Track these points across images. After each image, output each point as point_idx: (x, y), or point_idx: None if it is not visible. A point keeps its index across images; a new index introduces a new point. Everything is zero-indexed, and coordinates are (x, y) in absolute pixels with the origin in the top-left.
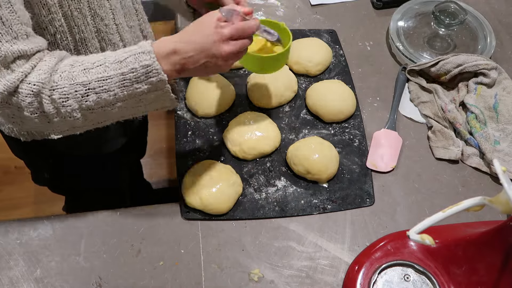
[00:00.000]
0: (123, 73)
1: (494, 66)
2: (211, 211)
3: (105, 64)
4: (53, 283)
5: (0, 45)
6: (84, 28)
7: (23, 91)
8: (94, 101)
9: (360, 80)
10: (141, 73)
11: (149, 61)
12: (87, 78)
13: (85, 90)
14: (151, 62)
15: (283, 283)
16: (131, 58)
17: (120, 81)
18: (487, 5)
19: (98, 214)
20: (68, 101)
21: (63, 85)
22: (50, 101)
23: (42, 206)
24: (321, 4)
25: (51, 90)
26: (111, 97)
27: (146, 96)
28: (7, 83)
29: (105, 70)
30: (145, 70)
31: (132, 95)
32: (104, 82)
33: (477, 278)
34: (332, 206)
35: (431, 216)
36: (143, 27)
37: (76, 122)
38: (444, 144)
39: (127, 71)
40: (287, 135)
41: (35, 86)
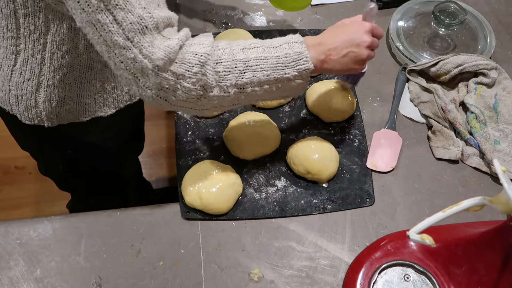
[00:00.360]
0: (278, 56)
1: (494, 66)
2: (211, 211)
3: (262, 47)
4: (53, 283)
5: (152, 12)
6: None
7: (190, 61)
8: (249, 79)
9: (360, 80)
10: (293, 58)
11: (301, 49)
12: (246, 56)
13: (244, 66)
14: (303, 50)
15: (283, 283)
16: (285, 45)
17: (274, 63)
18: (487, 5)
19: (98, 214)
20: (229, 75)
21: (227, 59)
22: (213, 73)
23: (42, 206)
24: (321, 4)
25: (216, 63)
26: (264, 77)
27: (289, 83)
28: (168, 48)
29: (262, 51)
30: (297, 56)
31: (279, 79)
32: (261, 61)
33: (477, 278)
34: (332, 206)
35: (431, 216)
36: None
37: (225, 99)
38: (444, 144)
39: (281, 55)
40: (287, 135)
41: (202, 56)
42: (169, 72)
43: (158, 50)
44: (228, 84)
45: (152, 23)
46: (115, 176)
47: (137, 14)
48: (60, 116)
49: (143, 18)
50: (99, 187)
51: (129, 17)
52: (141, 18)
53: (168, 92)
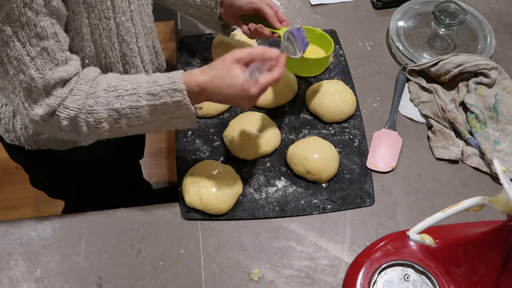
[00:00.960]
0: (154, 104)
1: (494, 66)
2: (211, 211)
3: (138, 94)
4: (53, 283)
5: (44, 74)
6: (111, 54)
7: (61, 115)
8: (124, 124)
9: (360, 80)
10: (172, 107)
11: (181, 97)
12: (120, 105)
13: (118, 115)
14: (182, 99)
15: (283, 283)
16: (163, 93)
17: (151, 110)
18: (487, 5)
19: (98, 214)
20: (102, 124)
21: (98, 111)
22: (85, 123)
23: (42, 206)
24: (321, 4)
25: (87, 114)
26: (140, 121)
27: (172, 121)
28: (47, 107)
29: (138, 100)
30: (176, 104)
31: (159, 120)
32: (136, 110)
33: (477, 278)
34: (332, 206)
35: (431, 216)
36: (155, 44)
37: (104, 136)
38: (444, 144)
39: (158, 104)
40: (287, 135)
41: (72, 111)
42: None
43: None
44: (101, 131)
45: (43, 84)
46: (110, 180)
47: (28, 75)
48: (38, 143)
49: (34, 79)
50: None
51: (20, 76)
52: (32, 79)
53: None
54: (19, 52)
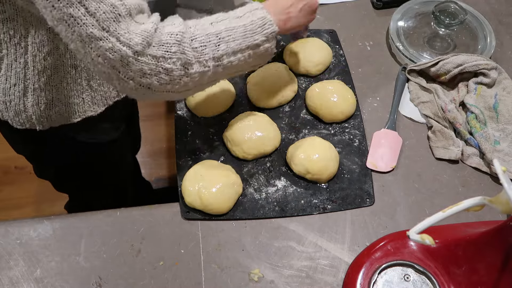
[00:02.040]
0: (244, 24)
1: (494, 66)
2: (211, 211)
3: (228, 19)
4: (53, 283)
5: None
6: None
7: (168, 41)
8: (224, 50)
9: (360, 80)
10: (258, 24)
11: (264, 14)
12: (217, 29)
13: (217, 39)
14: (265, 15)
15: (283, 283)
16: (248, 14)
17: (243, 32)
18: (487, 5)
19: (98, 214)
20: (206, 49)
21: (200, 35)
22: (191, 49)
23: (42, 206)
24: (321, 4)
25: (191, 39)
26: (236, 46)
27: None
28: (144, 33)
29: (230, 23)
30: (261, 21)
31: (250, 47)
32: (231, 32)
33: (477, 278)
34: (332, 206)
35: (431, 216)
36: None
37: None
38: (444, 144)
39: (248, 23)
40: (287, 135)
41: (177, 35)
42: (148, 56)
43: (135, 36)
44: (206, 58)
45: (125, 10)
46: (111, 174)
47: (109, 3)
48: (50, 118)
49: (115, 6)
50: (95, 186)
51: (101, 7)
52: (113, 6)
53: (150, 78)
54: None
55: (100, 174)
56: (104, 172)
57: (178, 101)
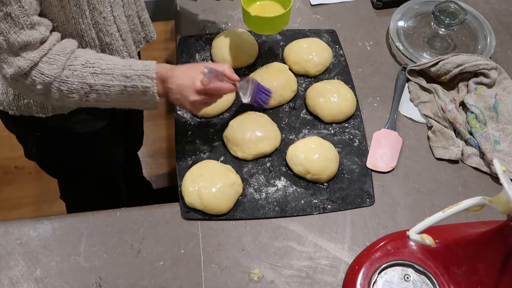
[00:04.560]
0: (125, 85)
1: (494, 66)
2: (211, 211)
3: (113, 74)
4: (53, 283)
5: (8, 37)
6: (82, 21)
7: (36, 79)
8: (93, 98)
9: (360, 80)
10: (140, 90)
11: (150, 84)
12: (94, 81)
13: (89, 89)
14: (151, 86)
15: (283, 283)
16: (135, 77)
17: (120, 90)
18: (487, 5)
19: (98, 214)
20: (73, 94)
21: (72, 82)
22: (57, 90)
23: (42, 206)
24: (321, 4)
25: (61, 82)
26: (108, 98)
27: (135, 104)
28: (18, 69)
29: (111, 79)
30: (144, 89)
31: (124, 101)
32: (107, 88)
33: (477, 278)
34: (332, 206)
35: (431, 216)
36: (141, 14)
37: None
38: (444, 144)
39: (129, 86)
40: (287, 135)
41: (47, 78)
42: (19, 83)
43: (9, 67)
44: (69, 100)
45: (7, 46)
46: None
47: None
48: (19, 108)
49: None
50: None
51: None
52: None
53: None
54: None
55: (83, 164)
56: (87, 162)
57: None
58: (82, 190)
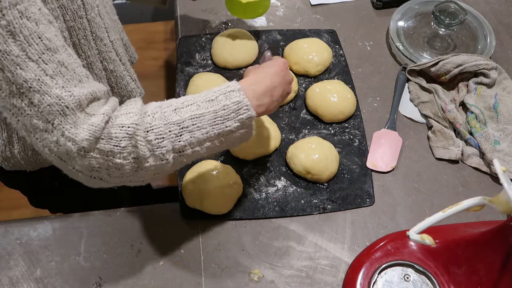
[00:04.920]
0: (215, 110)
1: (494, 66)
2: (211, 211)
3: (196, 103)
4: (53, 283)
5: (71, 90)
6: (90, 53)
7: (117, 135)
8: (187, 141)
9: (360, 80)
10: (232, 109)
11: (240, 97)
12: (180, 117)
13: (179, 129)
14: (241, 99)
15: (283, 283)
16: (221, 97)
17: (212, 119)
18: (487, 5)
19: (98, 214)
20: (164, 141)
21: (158, 125)
22: (145, 143)
23: None
24: (321, 4)
25: (146, 131)
26: (203, 135)
27: (233, 134)
28: (92, 127)
29: (197, 109)
30: (236, 106)
31: (221, 134)
32: (197, 120)
33: (477, 278)
34: (332, 206)
35: (431, 216)
36: (123, 36)
37: (165, 166)
38: (444, 144)
39: (219, 108)
40: (287, 135)
41: (129, 128)
42: (96, 151)
43: (82, 131)
44: (164, 151)
45: (74, 102)
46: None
47: (54, 95)
48: (39, 162)
49: (62, 98)
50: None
51: (46, 99)
52: (59, 98)
53: (100, 172)
54: (36, 72)
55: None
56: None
57: None
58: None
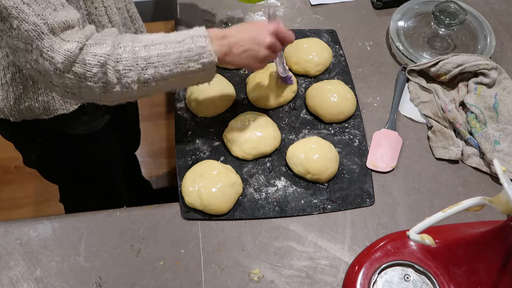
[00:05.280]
0: (181, 51)
1: (494, 66)
2: (211, 211)
3: (165, 43)
4: (53, 283)
5: (46, 18)
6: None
7: (90, 62)
8: (151, 75)
9: (360, 80)
10: (196, 52)
11: (205, 43)
12: (148, 54)
13: (146, 63)
14: (206, 44)
15: (283, 283)
16: (188, 40)
17: (177, 58)
18: (487, 5)
19: (98, 214)
20: (130, 72)
21: (127, 58)
22: (114, 72)
23: (42, 206)
24: (321, 4)
25: (116, 61)
26: (166, 72)
27: (194, 74)
28: (67, 52)
29: (165, 48)
30: (200, 50)
31: (184, 73)
32: (163, 58)
33: (477, 278)
34: (332, 206)
35: (431, 216)
36: (129, 8)
37: (130, 93)
38: (444, 144)
39: (184, 50)
40: (287, 135)
41: (101, 57)
42: (71, 73)
43: (57, 55)
44: (129, 81)
45: (48, 29)
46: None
47: (31, 22)
48: (21, 113)
49: (37, 25)
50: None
51: (23, 25)
52: (35, 25)
53: (73, 89)
54: (14, 0)
55: (84, 167)
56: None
57: (178, 101)
58: (81, 193)
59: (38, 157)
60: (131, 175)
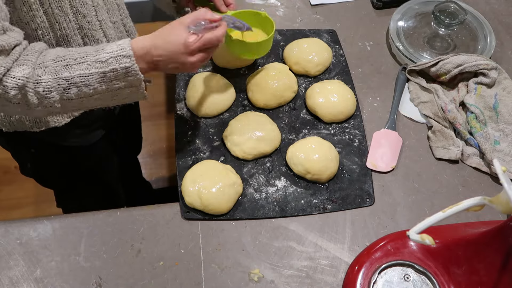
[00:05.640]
0: (104, 71)
1: (494, 66)
2: (211, 211)
3: (87, 62)
4: (53, 283)
5: None
6: (66, 25)
7: (8, 84)
8: (75, 94)
9: (360, 80)
10: (121, 73)
11: (129, 63)
12: (69, 74)
13: (67, 84)
14: (131, 65)
15: (283, 283)
16: (112, 60)
17: (100, 78)
18: (487, 5)
19: (98, 214)
20: (51, 93)
21: (47, 80)
22: (34, 93)
23: (42, 206)
24: (321, 4)
25: (35, 83)
26: (90, 90)
27: (121, 91)
28: None
29: (87, 68)
30: (125, 71)
31: (109, 90)
32: (86, 78)
33: (477, 278)
34: (332, 206)
35: (431, 216)
36: (125, 22)
37: (55, 109)
38: (444, 144)
39: (108, 71)
40: (287, 135)
41: (20, 80)
42: None
43: None
44: (51, 101)
45: None
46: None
47: None
48: (12, 124)
49: None
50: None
51: None
52: None
53: None
54: None
55: (79, 175)
56: (83, 173)
57: (178, 101)
58: (78, 197)
59: (33, 167)
60: (131, 177)
